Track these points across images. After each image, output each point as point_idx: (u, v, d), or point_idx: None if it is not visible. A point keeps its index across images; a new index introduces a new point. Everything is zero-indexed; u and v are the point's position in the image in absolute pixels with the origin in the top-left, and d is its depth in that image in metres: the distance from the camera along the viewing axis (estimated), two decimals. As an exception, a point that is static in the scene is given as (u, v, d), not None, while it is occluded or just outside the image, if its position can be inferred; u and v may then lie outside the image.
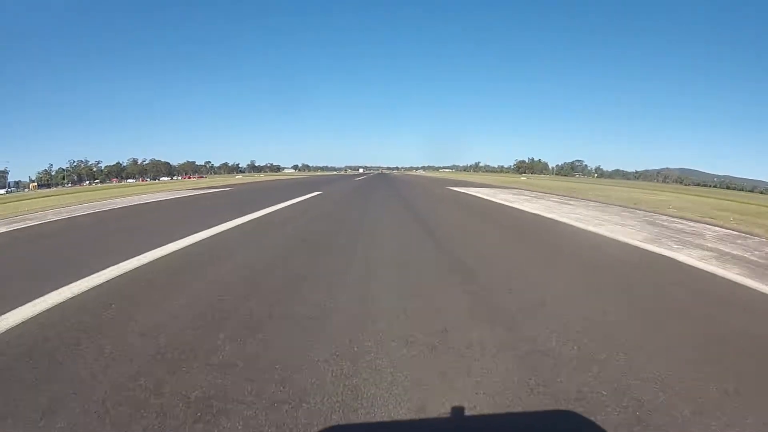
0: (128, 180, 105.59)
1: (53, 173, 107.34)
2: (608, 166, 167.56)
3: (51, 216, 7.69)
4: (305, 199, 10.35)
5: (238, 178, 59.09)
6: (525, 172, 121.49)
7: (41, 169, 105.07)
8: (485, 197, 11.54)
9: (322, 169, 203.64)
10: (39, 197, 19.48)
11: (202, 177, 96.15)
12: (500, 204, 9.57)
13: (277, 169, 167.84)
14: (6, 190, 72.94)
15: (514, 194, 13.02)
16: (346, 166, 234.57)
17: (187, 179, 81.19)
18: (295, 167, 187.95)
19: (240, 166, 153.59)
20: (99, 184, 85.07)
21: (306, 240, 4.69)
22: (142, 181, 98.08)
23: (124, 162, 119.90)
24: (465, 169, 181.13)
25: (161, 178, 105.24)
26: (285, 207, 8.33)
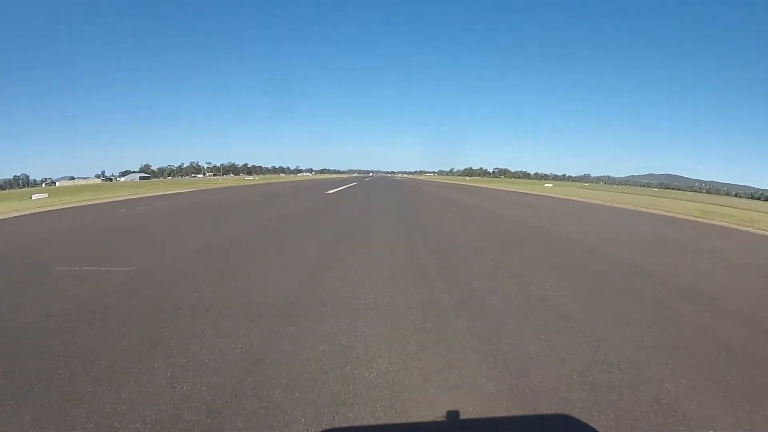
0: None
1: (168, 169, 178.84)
2: (595, 173, 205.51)
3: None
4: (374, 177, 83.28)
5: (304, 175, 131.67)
6: (469, 177, 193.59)
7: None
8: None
9: (333, 172, 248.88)
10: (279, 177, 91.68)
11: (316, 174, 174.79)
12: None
13: (310, 171, 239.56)
14: (202, 175, 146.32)
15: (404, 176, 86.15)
16: (349, 169, 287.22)
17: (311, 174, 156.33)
18: (321, 171, 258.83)
19: (280, 167, 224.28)
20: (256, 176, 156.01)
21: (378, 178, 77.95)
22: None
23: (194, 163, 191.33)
24: (448, 173, 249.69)
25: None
26: (375, 176, 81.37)
